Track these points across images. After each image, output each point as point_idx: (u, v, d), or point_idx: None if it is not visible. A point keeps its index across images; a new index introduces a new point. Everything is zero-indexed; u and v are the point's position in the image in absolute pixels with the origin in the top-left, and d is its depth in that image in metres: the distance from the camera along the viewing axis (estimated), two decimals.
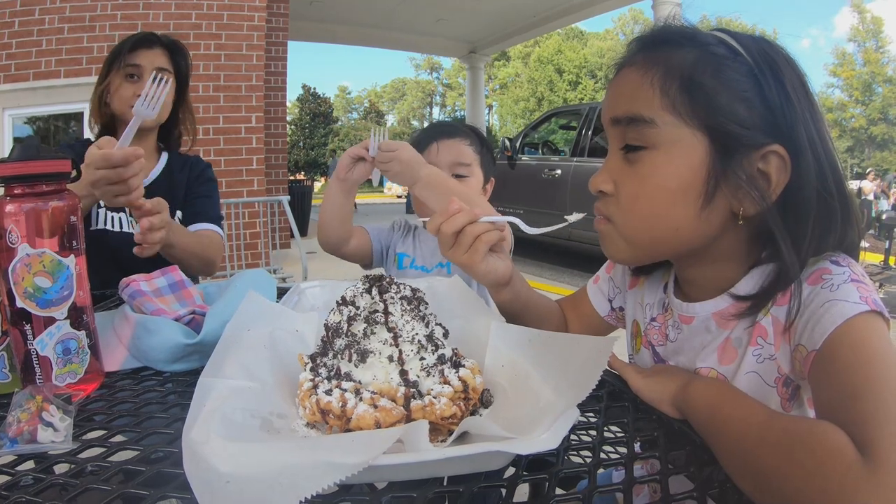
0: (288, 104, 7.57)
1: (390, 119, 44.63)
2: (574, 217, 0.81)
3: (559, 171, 6.17)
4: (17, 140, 5.10)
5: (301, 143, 31.28)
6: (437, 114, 44.69)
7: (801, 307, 0.63)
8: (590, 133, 6.12)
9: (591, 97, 29.84)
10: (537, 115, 12.12)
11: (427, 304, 0.62)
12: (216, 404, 0.50)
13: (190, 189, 1.65)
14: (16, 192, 0.70)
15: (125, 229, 1.53)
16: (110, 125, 1.59)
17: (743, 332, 0.70)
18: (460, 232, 0.81)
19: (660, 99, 0.66)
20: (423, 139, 1.38)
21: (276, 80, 7.43)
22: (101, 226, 1.51)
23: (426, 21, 13.13)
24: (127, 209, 1.48)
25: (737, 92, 0.64)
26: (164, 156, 1.67)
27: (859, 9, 31.29)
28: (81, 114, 5.21)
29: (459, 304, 0.81)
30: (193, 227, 1.56)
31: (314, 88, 35.87)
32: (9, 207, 0.69)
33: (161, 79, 1.21)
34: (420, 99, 43.99)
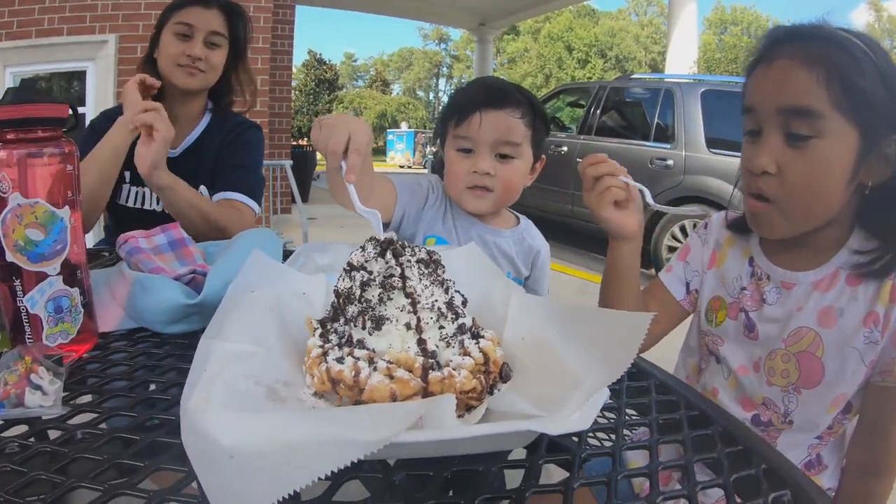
0: (293, 69, 7.41)
1: (396, 89, 44.25)
2: (651, 201, 0.95)
3: (565, 148, 6.07)
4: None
5: (305, 109, 31.10)
6: (443, 85, 44.30)
7: None
8: (598, 112, 6.00)
9: (600, 76, 29.37)
10: (545, 92, 11.94)
11: (444, 267, 0.57)
12: (217, 369, 0.45)
13: (218, 155, 1.49)
14: (8, 137, 0.65)
15: (146, 206, 1.46)
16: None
17: (846, 303, 0.85)
18: (599, 179, 0.95)
19: (827, 96, 0.77)
20: (465, 105, 1.11)
21: (282, 43, 7.28)
22: (125, 202, 1.45)
23: None
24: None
25: (878, 93, 0.77)
26: (205, 120, 1.53)
27: (876, 7, 30.70)
28: (84, 72, 5.10)
29: (475, 271, 0.74)
30: (217, 197, 1.43)
31: (320, 54, 35.51)
32: (0, 154, 0.63)
33: None
34: (427, 69, 43.56)
